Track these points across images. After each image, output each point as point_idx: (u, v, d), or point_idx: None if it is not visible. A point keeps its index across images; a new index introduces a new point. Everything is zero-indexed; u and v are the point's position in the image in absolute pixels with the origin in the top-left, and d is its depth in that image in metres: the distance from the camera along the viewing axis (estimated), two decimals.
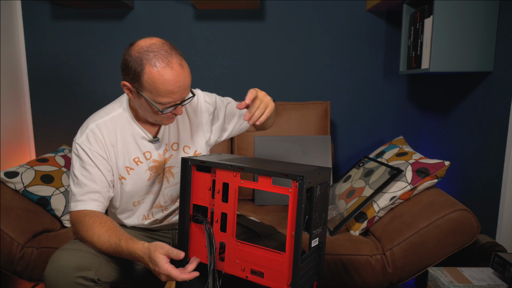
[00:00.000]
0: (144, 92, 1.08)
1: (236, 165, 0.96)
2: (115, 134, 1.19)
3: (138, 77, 1.06)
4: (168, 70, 1.04)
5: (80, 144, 1.16)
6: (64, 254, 1.08)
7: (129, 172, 1.21)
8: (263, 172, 0.92)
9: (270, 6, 2.17)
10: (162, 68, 1.04)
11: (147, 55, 1.05)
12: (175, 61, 1.06)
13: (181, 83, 1.06)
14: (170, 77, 1.04)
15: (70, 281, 1.04)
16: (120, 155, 1.19)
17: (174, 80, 1.05)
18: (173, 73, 1.05)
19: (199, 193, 1.03)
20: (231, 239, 0.98)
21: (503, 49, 1.54)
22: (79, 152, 1.16)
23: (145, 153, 1.22)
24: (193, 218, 1.04)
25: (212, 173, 1.00)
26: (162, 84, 1.05)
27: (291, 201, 0.89)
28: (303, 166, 0.98)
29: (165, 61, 1.05)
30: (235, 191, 0.96)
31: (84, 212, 1.13)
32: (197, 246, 1.04)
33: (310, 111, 2.08)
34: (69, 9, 2.17)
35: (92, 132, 1.17)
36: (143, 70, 1.05)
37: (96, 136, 1.16)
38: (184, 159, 1.02)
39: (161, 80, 1.04)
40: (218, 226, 0.99)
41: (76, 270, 1.05)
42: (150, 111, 1.12)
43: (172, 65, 1.05)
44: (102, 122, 1.19)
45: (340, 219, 1.61)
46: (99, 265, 1.10)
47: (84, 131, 1.17)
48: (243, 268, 0.97)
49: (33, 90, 2.24)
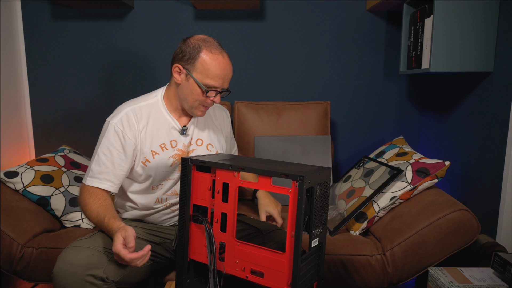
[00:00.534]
0: (194, 73, 1.23)
1: (236, 165, 0.96)
2: (147, 119, 1.30)
3: (194, 59, 1.23)
4: (221, 57, 1.23)
5: (113, 125, 1.26)
6: (73, 252, 1.09)
7: (154, 156, 1.29)
8: (263, 172, 0.92)
9: (270, 6, 2.16)
10: (217, 55, 1.23)
11: (205, 43, 1.24)
12: (226, 54, 1.26)
13: (227, 72, 1.25)
14: (222, 64, 1.23)
15: (80, 279, 1.05)
16: (148, 139, 1.29)
17: (224, 67, 1.24)
18: (225, 61, 1.24)
19: (199, 193, 1.03)
20: (231, 239, 0.98)
21: (503, 49, 1.54)
22: (110, 133, 1.25)
23: (171, 141, 1.32)
24: (193, 218, 1.04)
25: (212, 173, 1.01)
26: (214, 67, 1.22)
27: (291, 201, 0.89)
28: (303, 166, 0.98)
29: (219, 50, 1.24)
30: (235, 191, 0.96)
31: (93, 189, 1.25)
32: (197, 246, 1.04)
33: (310, 111, 2.08)
34: (69, 9, 2.17)
35: (126, 115, 1.27)
36: (200, 53, 1.22)
37: (130, 120, 1.26)
38: (184, 159, 1.03)
39: (214, 63, 1.22)
40: (218, 226, 1.00)
41: (86, 268, 1.06)
42: (193, 94, 1.25)
43: (224, 55, 1.25)
44: (137, 107, 1.30)
45: (340, 219, 1.61)
46: (107, 263, 1.10)
47: (118, 114, 1.27)
48: (243, 268, 0.97)
49: (33, 90, 2.24)
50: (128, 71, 2.22)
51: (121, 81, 2.23)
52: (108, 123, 1.27)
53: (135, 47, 2.20)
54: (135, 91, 2.20)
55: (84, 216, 1.68)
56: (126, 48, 2.20)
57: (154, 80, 2.22)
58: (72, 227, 1.68)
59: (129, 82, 2.23)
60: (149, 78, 2.23)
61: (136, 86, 2.23)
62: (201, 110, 1.30)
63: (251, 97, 2.23)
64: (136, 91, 2.20)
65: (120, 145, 1.25)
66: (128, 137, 1.25)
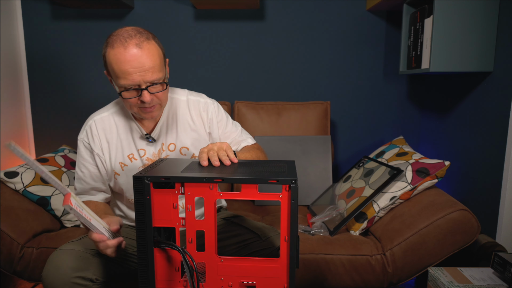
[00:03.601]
0: (111, 78, 1.10)
1: (213, 177, 0.84)
2: (111, 130, 1.22)
3: (104, 62, 1.09)
4: (121, 50, 1.03)
5: (81, 140, 1.23)
6: (61, 255, 1.08)
7: (123, 168, 1.23)
8: (247, 181, 0.83)
9: (270, 6, 2.16)
10: (117, 48, 1.04)
11: (110, 38, 1.06)
12: (133, 42, 1.04)
13: (136, 64, 1.04)
14: (123, 56, 1.03)
15: (67, 281, 1.04)
16: (115, 151, 1.22)
17: (127, 59, 1.03)
18: (127, 52, 1.03)
19: (161, 214, 0.88)
20: (212, 257, 0.89)
21: (503, 49, 1.54)
22: (79, 148, 1.23)
23: (139, 150, 1.23)
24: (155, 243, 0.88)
25: (177, 188, 0.86)
26: (115, 64, 1.04)
27: (283, 206, 0.84)
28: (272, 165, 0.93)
29: (122, 42, 1.04)
30: (213, 204, 0.86)
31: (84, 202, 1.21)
32: (164, 273, 0.91)
33: (310, 111, 2.08)
34: (69, 9, 2.17)
35: (90, 128, 1.22)
36: (105, 53, 1.07)
37: (93, 131, 1.21)
38: (138, 177, 0.84)
39: (114, 60, 1.04)
40: (194, 246, 0.88)
41: (73, 270, 1.05)
42: (124, 101, 1.11)
43: (127, 45, 1.03)
44: (99, 118, 1.22)
45: (340, 219, 1.61)
46: (96, 265, 1.10)
47: (84, 127, 1.24)
48: (229, 284, 0.90)
49: (33, 90, 2.24)
50: None
51: None
52: (78, 139, 1.24)
53: None
54: None
55: None
56: None
57: None
58: (72, 227, 1.68)
59: None
60: None
61: None
62: (146, 113, 1.13)
63: (251, 97, 2.23)
64: None
65: (93, 159, 1.22)
66: (94, 151, 1.21)
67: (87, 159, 1.23)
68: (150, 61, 1.05)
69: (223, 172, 0.90)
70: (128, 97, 1.09)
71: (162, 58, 1.12)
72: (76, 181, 1.25)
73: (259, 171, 0.90)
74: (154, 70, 1.07)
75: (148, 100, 1.08)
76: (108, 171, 1.23)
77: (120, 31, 1.07)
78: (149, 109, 1.12)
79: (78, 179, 1.24)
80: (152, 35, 1.11)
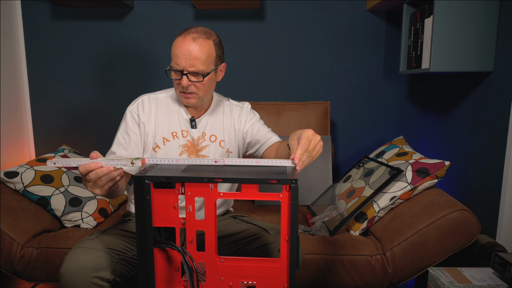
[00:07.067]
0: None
1: (213, 177, 0.85)
2: (162, 108, 1.35)
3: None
4: (181, 38, 1.22)
5: (130, 110, 1.33)
6: (81, 253, 1.08)
7: (165, 143, 1.33)
8: (247, 181, 0.84)
9: (270, 6, 2.16)
10: (179, 36, 1.24)
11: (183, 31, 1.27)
12: (192, 35, 1.22)
13: (185, 51, 1.20)
14: (178, 43, 1.22)
15: (86, 281, 1.05)
16: (161, 125, 1.34)
17: (181, 46, 1.21)
18: (183, 40, 1.22)
19: (162, 214, 0.89)
20: (212, 257, 0.90)
21: (503, 49, 1.54)
22: (127, 117, 1.33)
23: (182, 130, 1.35)
24: (155, 243, 0.90)
25: (177, 188, 0.88)
26: (173, 47, 1.23)
27: (284, 206, 0.84)
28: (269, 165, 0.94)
29: (185, 33, 1.23)
30: (213, 204, 0.87)
31: None
32: (164, 273, 0.92)
33: (310, 111, 2.08)
34: (69, 9, 2.17)
35: (142, 102, 1.34)
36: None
37: (144, 105, 1.34)
38: (138, 177, 0.86)
39: (174, 44, 1.23)
40: (194, 246, 0.89)
41: (93, 270, 1.05)
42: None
43: (186, 36, 1.22)
44: (153, 96, 1.37)
45: (340, 219, 1.61)
46: (114, 265, 1.10)
47: (136, 101, 1.35)
48: (229, 284, 0.90)
49: (33, 90, 2.24)
50: (128, 71, 2.22)
51: (121, 81, 2.23)
52: (126, 110, 1.35)
53: (135, 47, 2.20)
54: (135, 91, 2.21)
55: (84, 216, 1.68)
56: (126, 48, 2.20)
57: (154, 80, 2.22)
58: (72, 227, 1.68)
59: (129, 82, 2.23)
60: (149, 78, 2.23)
61: (136, 86, 2.23)
62: (184, 98, 1.28)
63: (251, 97, 2.23)
64: (136, 91, 2.20)
65: (138, 128, 1.32)
66: (142, 120, 1.32)
67: (131, 127, 1.32)
68: (197, 53, 1.21)
69: (223, 172, 0.90)
70: (173, 77, 1.26)
71: (212, 57, 1.25)
72: (115, 146, 1.32)
73: (260, 171, 0.91)
74: (198, 61, 1.21)
75: (185, 85, 1.23)
76: (149, 142, 1.33)
77: (191, 27, 1.26)
78: (186, 94, 1.27)
79: (118, 144, 1.31)
80: (214, 37, 1.27)
